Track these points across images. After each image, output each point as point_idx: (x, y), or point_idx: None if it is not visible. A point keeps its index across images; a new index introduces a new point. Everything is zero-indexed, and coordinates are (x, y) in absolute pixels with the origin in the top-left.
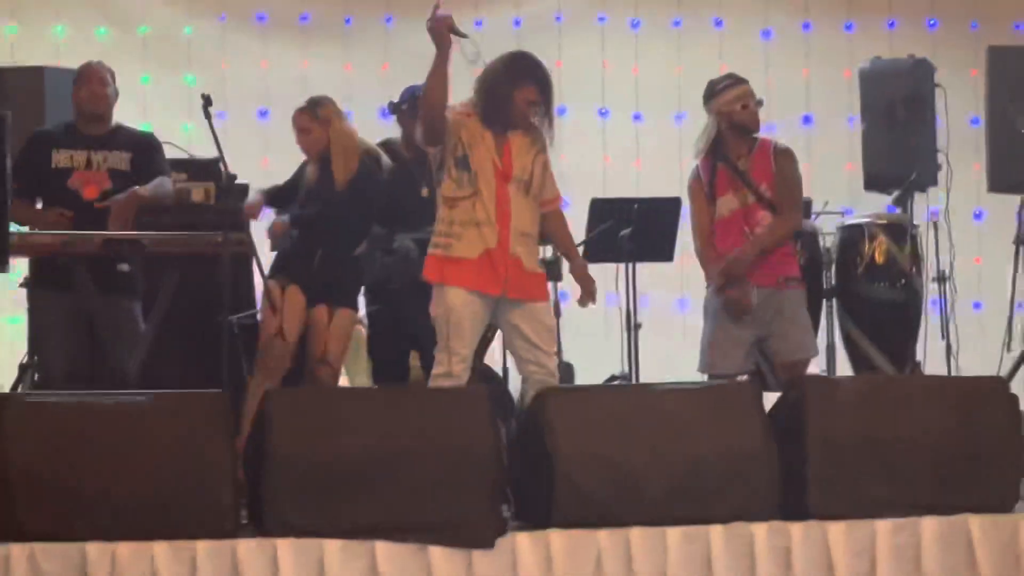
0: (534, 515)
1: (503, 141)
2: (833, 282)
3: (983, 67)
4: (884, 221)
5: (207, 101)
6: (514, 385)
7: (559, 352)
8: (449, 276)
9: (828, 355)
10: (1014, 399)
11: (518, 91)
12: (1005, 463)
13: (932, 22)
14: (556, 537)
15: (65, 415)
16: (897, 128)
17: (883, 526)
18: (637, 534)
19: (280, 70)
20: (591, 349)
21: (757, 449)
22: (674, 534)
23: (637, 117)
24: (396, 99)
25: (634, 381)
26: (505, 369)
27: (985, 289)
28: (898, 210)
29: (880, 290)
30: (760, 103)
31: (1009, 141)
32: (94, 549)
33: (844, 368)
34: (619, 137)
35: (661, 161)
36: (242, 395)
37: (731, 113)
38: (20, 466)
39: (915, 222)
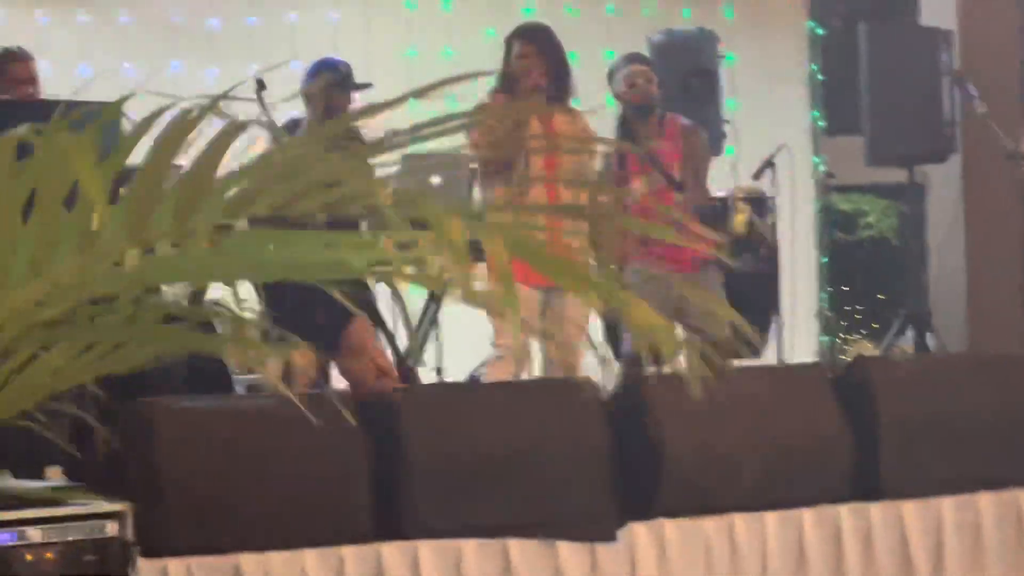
0: (634, 504)
1: None
2: None
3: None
4: (745, 193)
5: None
6: None
7: None
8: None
9: None
10: None
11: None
12: None
13: None
14: (668, 527)
15: (212, 421)
16: (690, 99)
17: (948, 503)
18: (740, 520)
19: None
20: None
21: (835, 432)
22: (771, 519)
23: None
24: None
25: None
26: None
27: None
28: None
29: (745, 261)
30: None
31: (887, 116)
32: (249, 561)
33: None
34: None
35: None
36: None
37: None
38: (173, 477)
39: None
